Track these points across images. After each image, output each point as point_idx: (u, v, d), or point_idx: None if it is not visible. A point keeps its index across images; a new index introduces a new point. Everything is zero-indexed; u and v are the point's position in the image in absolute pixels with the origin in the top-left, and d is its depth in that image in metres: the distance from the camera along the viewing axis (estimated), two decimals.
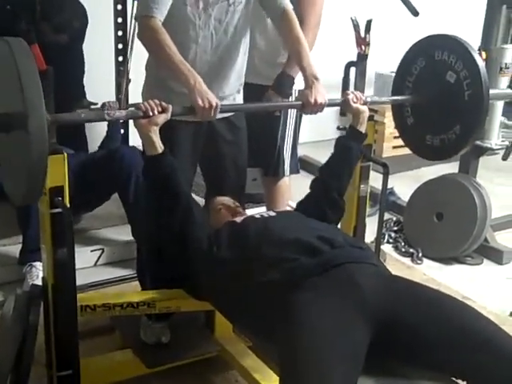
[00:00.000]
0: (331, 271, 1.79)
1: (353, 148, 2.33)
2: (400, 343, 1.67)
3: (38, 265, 2.92)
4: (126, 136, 3.99)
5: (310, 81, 2.27)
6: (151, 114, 1.97)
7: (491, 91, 2.33)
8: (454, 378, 1.69)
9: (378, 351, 1.65)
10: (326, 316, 1.64)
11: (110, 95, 3.74)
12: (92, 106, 3.61)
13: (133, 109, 2.01)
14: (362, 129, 2.33)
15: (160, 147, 2.02)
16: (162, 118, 1.99)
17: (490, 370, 1.60)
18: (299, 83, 2.83)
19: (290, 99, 2.83)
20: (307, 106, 2.26)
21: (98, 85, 3.87)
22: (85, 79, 3.82)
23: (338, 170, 2.33)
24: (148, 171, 2.08)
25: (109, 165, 3.25)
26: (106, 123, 3.70)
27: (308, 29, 2.76)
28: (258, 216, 2.14)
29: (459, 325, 1.66)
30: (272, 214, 2.17)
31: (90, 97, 3.78)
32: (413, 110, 2.53)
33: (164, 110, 2.00)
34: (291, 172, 3.05)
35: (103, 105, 3.61)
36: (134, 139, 3.86)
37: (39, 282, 2.16)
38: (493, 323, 1.69)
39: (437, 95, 2.40)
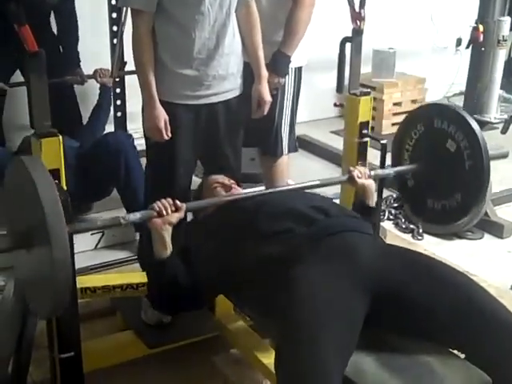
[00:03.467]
0: (326, 240, 1.79)
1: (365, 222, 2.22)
2: (397, 313, 1.68)
3: None
4: (123, 120, 3.98)
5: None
6: (165, 213, 1.95)
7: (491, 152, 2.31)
8: (451, 350, 1.70)
9: (374, 322, 1.65)
10: (322, 285, 1.65)
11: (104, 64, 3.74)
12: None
13: (147, 210, 1.98)
14: (372, 202, 2.28)
15: (169, 248, 1.98)
16: (175, 217, 1.97)
17: (486, 341, 1.61)
18: (296, 60, 2.83)
19: (287, 77, 2.82)
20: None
21: (92, 54, 3.87)
22: (79, 48, 3.79)
23: None
24: (156, 271, 2.03)
25: (97, 156, 3.27)
26: (97, 92, 3.71)
27: (303, 7, 2.74)
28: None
29: (456, 294, 1.67)
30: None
31: (84, 66, 3.75)
32: (413, 173, 2.50)
33: (177, 209, 1.98)
34: (289, 151, 3.04)
35: (95, 72, 3.63)
36: (131, 124, 3.90)
37: None
38: (490, 295, 1.70)
39: (438, 163, 2.37)
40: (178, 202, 1.99)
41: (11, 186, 1.76)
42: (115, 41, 3.70)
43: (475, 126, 2.26)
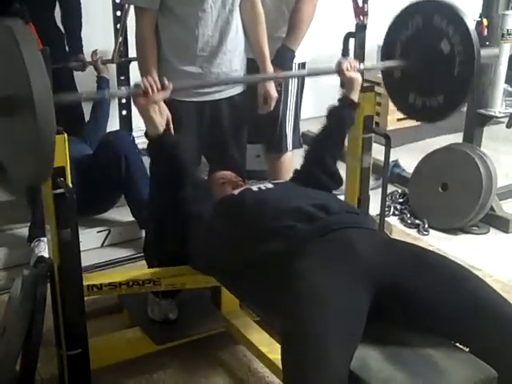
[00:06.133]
0: (329, 236, 1.79)
1: (345, 117, 2.33)
2: (401, 307, 1.68)
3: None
4: (129, 118, 3.99)
5: None
6: (150, 91, 1.96)
7: (483, 52, 2.30)
8: (455, 343, 1.70)
9: (379, 316, 1.65)
10: (325, 281, 1.65)
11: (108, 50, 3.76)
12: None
13: (133, 87, 1.99)
14: (355, 97, 2.32)
15: (161, 126, 2.01)
16: (160, 96, 1.98)
17: (490, 335, 1.61)
18: (299, 56, 2.83)
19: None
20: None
21: (96, 39, 3.88)
22: (82, 33, 3.80)
23: (330, 140, 2.32)
24: (151, 150, 2.08)
25: (99, 164, 3.25)
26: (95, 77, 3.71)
27: (307, 2, 2.75)
28: (255, 188, 2.14)
29: (460, 288, 1.67)
30: (269, 185, 2.18)
31: (88, 53, 3.76)
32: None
33: (163, 87, 1.99)
34: (294, 147, 3.05)
35: (93, 52, 3.62)
36: (136, 121, 3.91)
37: (46, 255, 2.17)
38: (494, 289, 1.70)
39: (428, 61, 2.36)
40: (164, 81, 1.99)
41: None
42: (118, 26, 3.73)
43: (474, 34, 2.24)
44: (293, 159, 3.10)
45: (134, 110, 3.84)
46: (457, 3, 2.36)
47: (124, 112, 3.96)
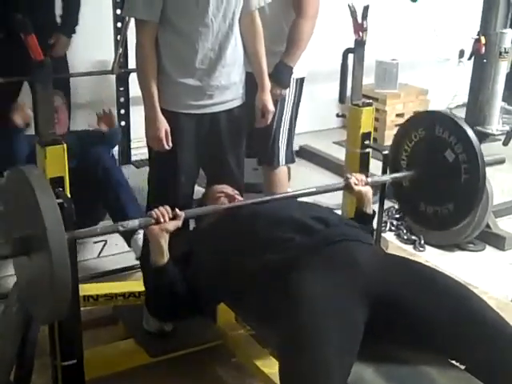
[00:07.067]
0: (327, 249, 1.79)
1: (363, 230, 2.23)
2: (396, 322, 1.68)
3: None
4: (127, 128, 4.00)
5: None
6: (162, 220, 1.96)
7: (487, 159, 2.34)
8: (451, 361, 1.70)
9: (376, 332, 1.66)
10: (322, 294, 1.65)
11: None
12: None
13: (146, 218, 2.00)
14: (369, 210, 2.29)
15: (166, 256, 1.99)
16: (172, 225, 1.98)
17: (486, 353, 1.61)
18: (296, 72, 2.84)
19: (288, 89, 2.83)
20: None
21: (97, 62, 3.88)
22: (83, 44, 3.82)
23: None
24: (153, 278, 2.05)
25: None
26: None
27: (306, 19, 2.75)
28: None
29: (456, 305, 1.68)
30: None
31: (89, 65, 3.78)
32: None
33: (175, 217, 1.99)
34: (287, 161, 3.03)
35: (98, 119, 3.50)
36: (135, 131, 3.92)
37: None
38: (490, 307, 1.70)
39: (434, 170, 2.39)
40: (176, 210, 2.00)
41: (11, 193, 1.77)
42: (118, 37, 3.74)
43: (476, 143, 2.27)
44: (287, 173, 3.10)
45: (133, 120, 3.92)
46: (455, 21, 2.38)
47: (123, 123, 3.97)
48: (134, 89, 3.52)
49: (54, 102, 3.13)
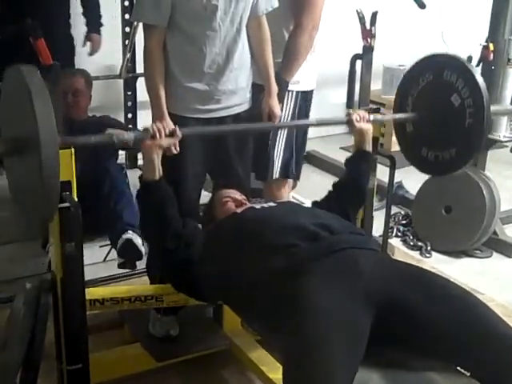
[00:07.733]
0: (332, 256, 1.79)
1: (361, 171, 2.32)
2: (401, 328, 1.67)
3: None
4: (134, 120, 4.00)
5: None
6: (158, 136, 1.98)
7: (493, 108, 2.34)
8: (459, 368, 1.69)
9: (381, 339, 1.65)
10: (326, 300, 1.65)
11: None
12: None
13: (141, 131, 2.01)
14: (368, 148, 2.31)
15: (159, 173, 2.02)
16: (167, 142, 1.99)
17: (492, 360, 1.60)
18: (297, 85, 2.79)
19: (285, 101, 2.74)
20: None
21: (105, 67, 3.90)
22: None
23: (350, 191, 2.32)
24: (143, 195, 2.08)
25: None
26: None
27: (304, 31, 2.67)
28: (258, 207, 2.15)
29: (462, 312, 1.67)
30: (272, 204, 2.18)
31: (96, 69, 3.80)
32: (413, 121, 2.52)
33: (172, 135, 2.00)
34: (280, 175, 2.90)
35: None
36: (141, 123, 3.92)
37: None
38: (496, 314, 1.69)
39: (439, 114, 2.38)
40: (173, 127, 2.00)
41: (8, 93, 1.76)
42: (126, 42, 3.75)
43: (483, 87, 2.26)
44: (289, 185, 2.99)
45: (141, 124, 3.93)
46: (463, 28, 2.38)
47: (129, 115, 3.98)
48: (142, 93, 3.56)
49: (77, 85, 3.16)
